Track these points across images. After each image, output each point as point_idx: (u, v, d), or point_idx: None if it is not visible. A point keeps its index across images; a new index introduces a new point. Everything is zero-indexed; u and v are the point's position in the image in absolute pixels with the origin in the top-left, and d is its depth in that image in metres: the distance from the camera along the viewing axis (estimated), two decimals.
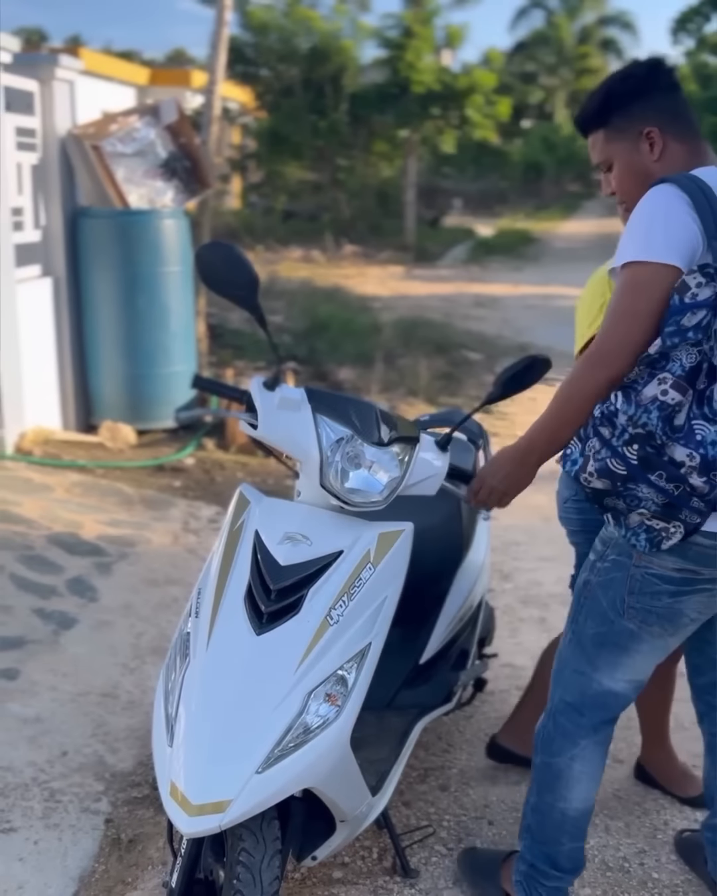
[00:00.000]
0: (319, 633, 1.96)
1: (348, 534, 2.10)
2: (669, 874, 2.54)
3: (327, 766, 1.95)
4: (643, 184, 2.01)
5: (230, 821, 1.82)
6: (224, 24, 6.83)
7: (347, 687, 1.97)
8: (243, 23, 19.89)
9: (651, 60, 2.15)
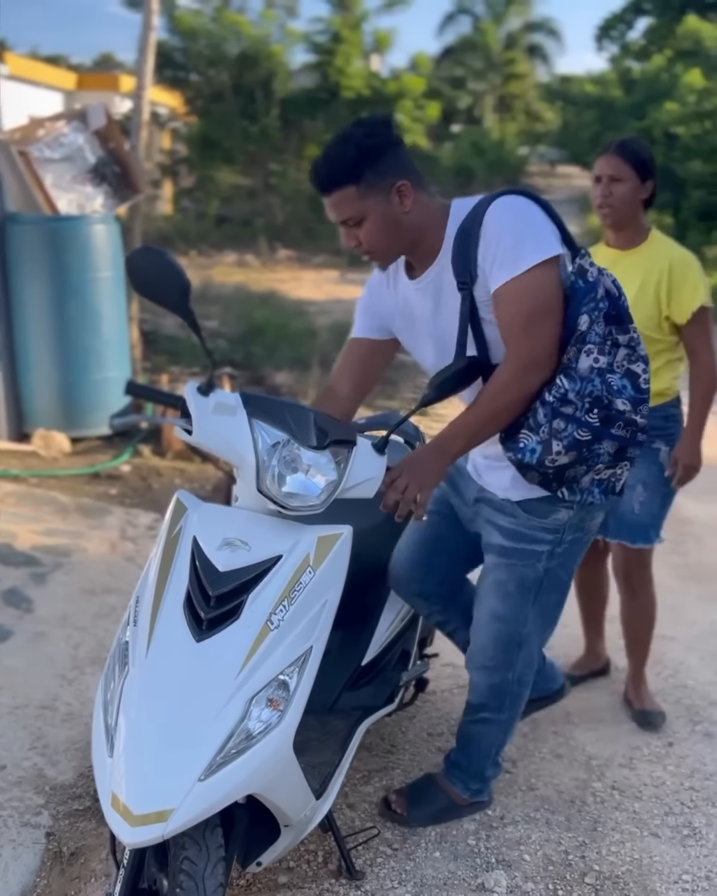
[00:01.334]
0: (260, 639, 1.96)
1: (287, 538, 2.10)
2: (610, 865, 2.58)
3: (271, 771, 1.94)
4: (397, 234, 2.23)
5: (173, 830, 1.80)
6: (151, 29, 6.78)
7: (288, 692, 1.97)
8: (171, 27, 19.77)
9: (383, 117, 2.25)
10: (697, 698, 3.44)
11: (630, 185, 3.02)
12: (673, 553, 4.68)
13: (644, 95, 21.74)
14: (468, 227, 2.21)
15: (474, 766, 2.72)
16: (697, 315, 3.02)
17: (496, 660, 2.55)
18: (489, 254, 2.16)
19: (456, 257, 2.22)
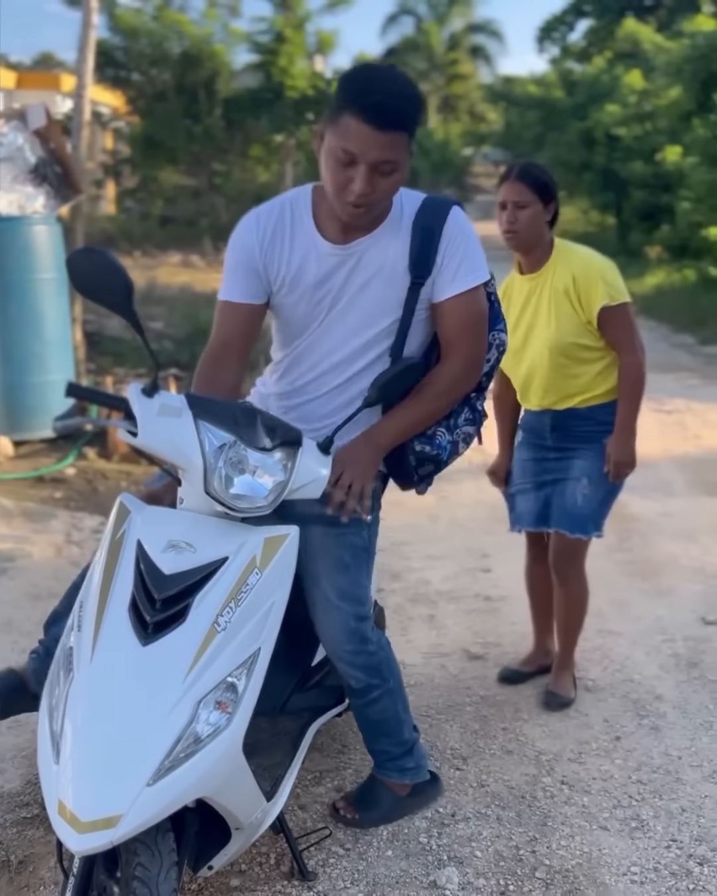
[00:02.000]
0: (207, 641, 1.94)
1: (233, 539, 2.08)
2: (560, 860, 2.60)
3: (220, 774, 1.93)
4: (394, 194, 2.25)
5: (122, 836, 1.78)
6: (91, 28, 6.71)
7: (237, 694, 1.96)
8: (112, 26, 19.58)
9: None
10: (643, 692, 3.48)
11: (534, 209, 3.11)
12: (619, 550, 4.74)
13: (586, 96, 22.01)
14: (431, 226, 2.24)
15: (393, 745, 2.67)
16: (605, 314, 3.09)
17: (355, 643, 2.46)
18: (447, 262, 2.25)
19: (419, 251, 2.24)
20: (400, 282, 2.29)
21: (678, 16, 25.66)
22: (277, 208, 2.34)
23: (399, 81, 2.11)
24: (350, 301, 2.32)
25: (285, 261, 2.32)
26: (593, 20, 33.18)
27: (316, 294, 2.33)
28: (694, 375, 9.30)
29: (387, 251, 2.27)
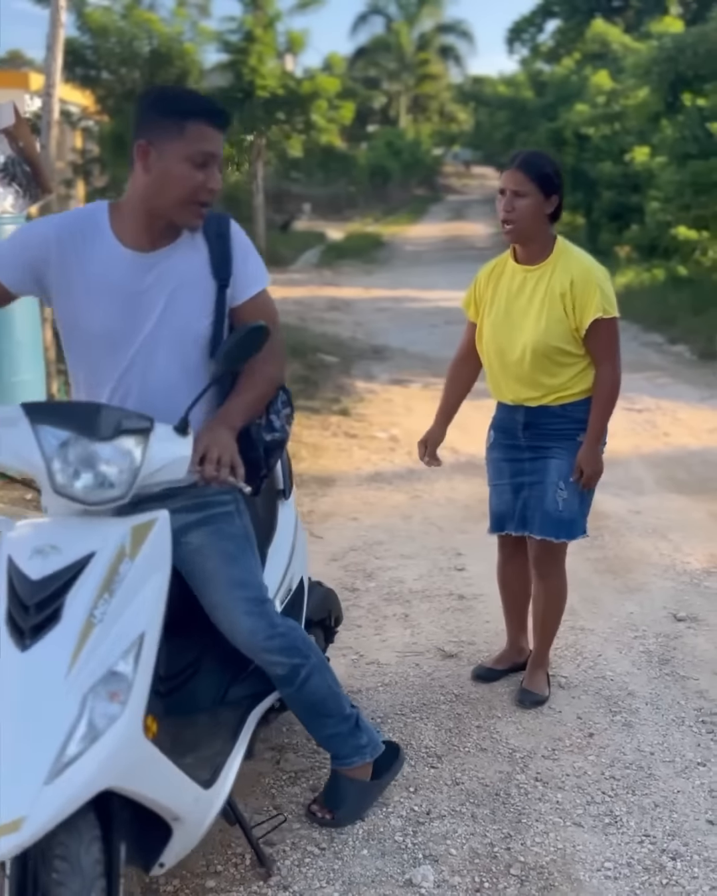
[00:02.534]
0: (85, 635, 1.96)
1: (98, 534, 2.10)
2: (534, 856, 2.62)
3: (123, 763, 1.94)
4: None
5: (30, 837, 1.78)
6: (60, 26, 6.66)
7: (127, 681, 1.97)
8: (81, 24, 19.45)
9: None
10: (615, 689, 3.51)
11: (533, 200, 3.07)
12: (591, 547, 4.77)
13: (555, 97, 22.14)
14: (222, 233, 2.42)
15: (339, 723, 2.69)
16: (594, 327, 3.10)
17: (265, 628, 2.47)
18: (241, 267, 2.43)
19: (219, 257, 2.40)
20: (208, 288, 2.41)
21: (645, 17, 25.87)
22: (74, 220, 2.40)
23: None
24: (164, 308, 2.37)
25: (80, 268, 2.35)
26: (561, 21, 33.36)
27: (128, 301, 2.35)
28: (664, 374, 9.37)
29: (191, 259, 2.39)
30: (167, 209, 2.30)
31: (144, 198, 2.31)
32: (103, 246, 2.35)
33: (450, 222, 31.94)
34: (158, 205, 2.30)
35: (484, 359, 3.32)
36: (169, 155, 2.25)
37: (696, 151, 13.07)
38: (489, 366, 3.31)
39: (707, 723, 3.28)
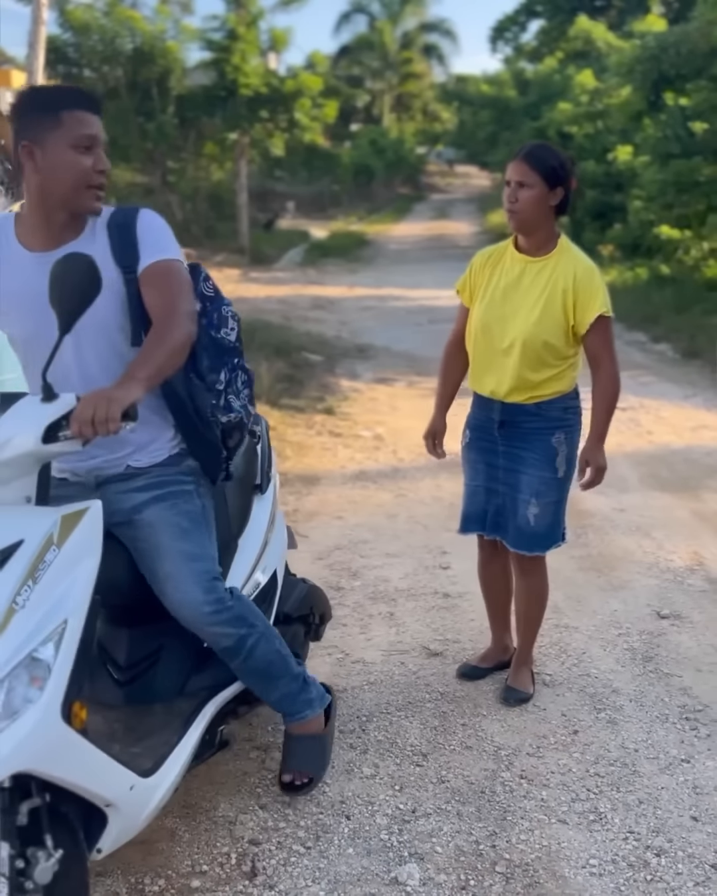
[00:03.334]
0: (6, 620, 1.98)
1: (29, 522, 2.12)
2: (520, 853, 2.62)
3: (40, 747, 1.96)
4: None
5: None
6: (41, 23, 6.65)
7: (47, 667, 1.99)
8: (63, 22, 19.39)
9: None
10: (600, 686, 3.52)
11: (537, 191, 3.07)
12: (574, 545, 4.78)
13: (538, 96, 22.19)
14: (126, 222, 2.44)
15: (289, 681, 2.73)
16: (597, 324, 3.11)
17: (214, 602, 2.48)
18: (146, 243, 2.42)
19: (120, 245, 2.41)
20: (114, 278, 2.39)
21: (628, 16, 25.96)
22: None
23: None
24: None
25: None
26: (545, 21, 33.44)
27: (38, 304, 2.32)
28: (647, 373, 9.41)
29: (92, 252, 2.34)
30: (64, 199, 2.36)
31: (39, 196, 2.37)
32: (10, 254, 2.43)
33: (434, 221, 31.96)
34: (54, 197, 2.36)
35: (470, 345, 3.30)
36: (52, 147, 2.32)
37: (678, 151, 13.14)
38: (475, 353, 3.29)
39: (691, 719, 3.30)
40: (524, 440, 3.23)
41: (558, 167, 3.09)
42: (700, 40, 12.82)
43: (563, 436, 3.22)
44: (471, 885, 2.49)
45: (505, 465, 3.27)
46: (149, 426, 2.52)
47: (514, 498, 3.26)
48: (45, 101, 2.35)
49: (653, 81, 14.22)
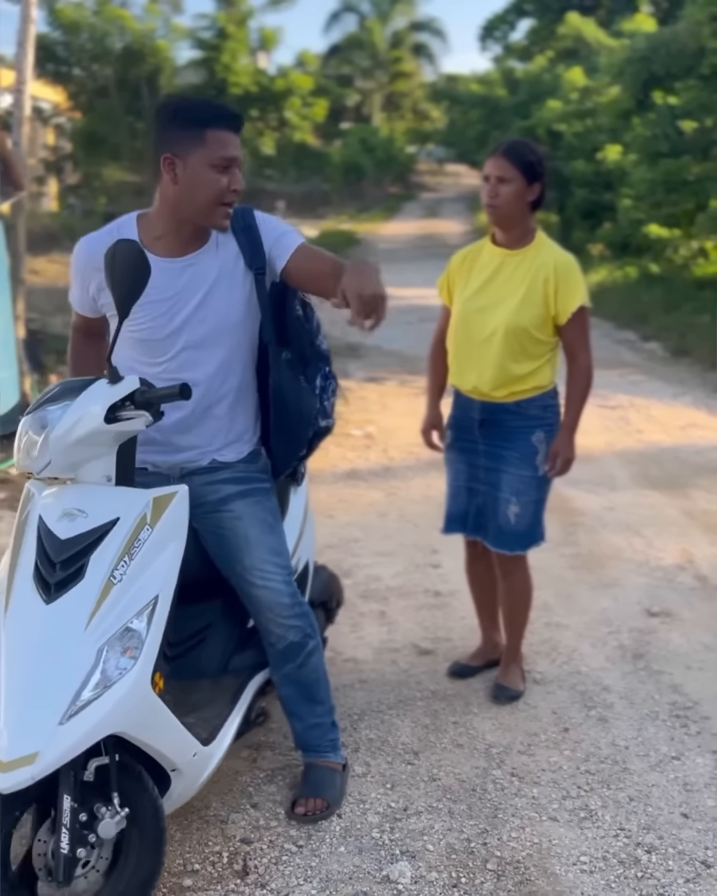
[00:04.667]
0: (104, 593, 2.16)
1: (123, 502, 2.29)
2: (511, 851, 2.63)
3: (130, 711, 2.13)
4: None
5: (42, 770, 1.99)
6: (30, 21, 6.62)
7: (140, 638, 2.17)
8: (52, 20, 19.33)
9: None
10: (590, 684, 3.53)
11: (516, 186, 3.10)
12: (564, 544, 4.80)
13: (528, 95, 22.18)
14: (248, 224, 2.56)
15: (325, 713, 2.81)
16: (576, 315, 3.15)
17: (290, 595, 2.66)
18: (272, 241, 2.56)
19: (250, 248, 2.55)
20: (242, 281, 2.58)
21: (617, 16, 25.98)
22: (106, 237, 2.56)
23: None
24: (198, 307, 2.54)
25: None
26: (534, 20, 33.45)
27: (163, 306, 2.53)
28: (637, 371, 9.43)
29: (222, 259, 2.56)
30: (197, 214, 2.47)
31: (174, 207, 2.48)
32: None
33: (424, 220, 31.93)
34: (188, 211, 2.47)
35: (451, 340, 3.32)
36: (194, 163, 2.41)
37: (667, 150, 13.16)
38: (456, 346, 3.31)
39: (681, 717, 3.31)
40: (505, 439, 3.25)
41: (536, 162, 3.13)
42: (689, 40, 12.84)
43: (543, 434, 3.24)
44: (462, 883, 2.50)
45: (486, 464, 3.29)
46: (240, 422, 2.69)
47: (495, 497, 3.27)
48: (192, 117, 2.42)
49: (643, 81, 14.23)
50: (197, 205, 2.45)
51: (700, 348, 9.91)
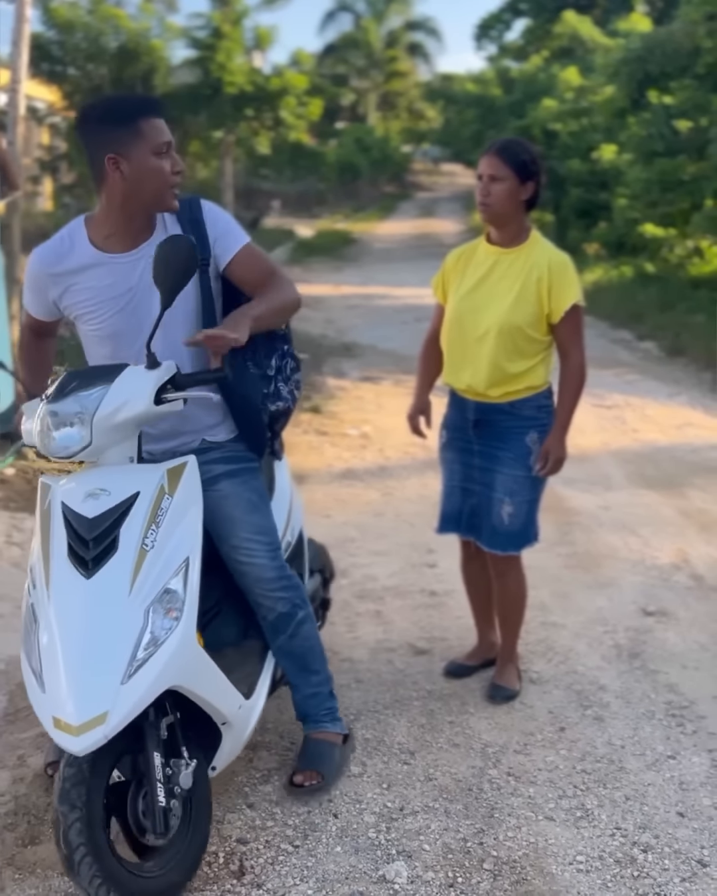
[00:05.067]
0: (140, 560, 2.30)
1: (140, 477, 2.44)
2: (507, 850, 2.63)
3: (182, 665, 2.30)
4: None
5: (114, 728, 2.14)
6: (25, 21, 6.61)
7: (179, 598, 2.32)
8: (47, 20, 19.29)
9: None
10: (586, 683, 3.53)
11: (509, 185, 3.10)
12: (560, 543, 4.80)
13: (523, 94, 22.16)
14: (194, 217, 2.62)
15: (322, 682, 2.91)
16: (570, 314, 3.14)
17: (277, 570, 2.78)
18: (218, 235, 2.63)
19: (195, 239, 2.54)
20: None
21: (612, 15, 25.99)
22: (57, 244, 2.65)
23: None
24: (152, 298, 2.53)
25: (75, 285, 2.62)
26: (529, 19, 33.46)
27: (123, 301, 2.60)
28: (632, 371, 9.43)
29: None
30: (149, 203, 2.54)
31: (124, 202, 2.53)
32: (89, 259, 2.61)
33: (419, 219, 31.93)
34: (140, 203, 2.53)
35: (445, 339, 3.32)
36: (137, 157, 2.47)
37: (662, 149, 13.16)
38: (450, 345, 3.31)
39: (677, 716, 3.31)
40: (499, 439, 3.25)
41: (530, 161, 3.12)
42: (685, 39, 12.85)
43: (537, 435, 3.23)
44: (459, 883, 2.50)
45: (480, 464, 3.29)
46: (220, 406, 2.75)
47: (489, 497, 3.27)
48: (121, 113, 2.49)
49: (639, 81, 14.23)
50: (148, 193, 2.51)
51: (696, 348, 9.92)
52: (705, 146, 12.08)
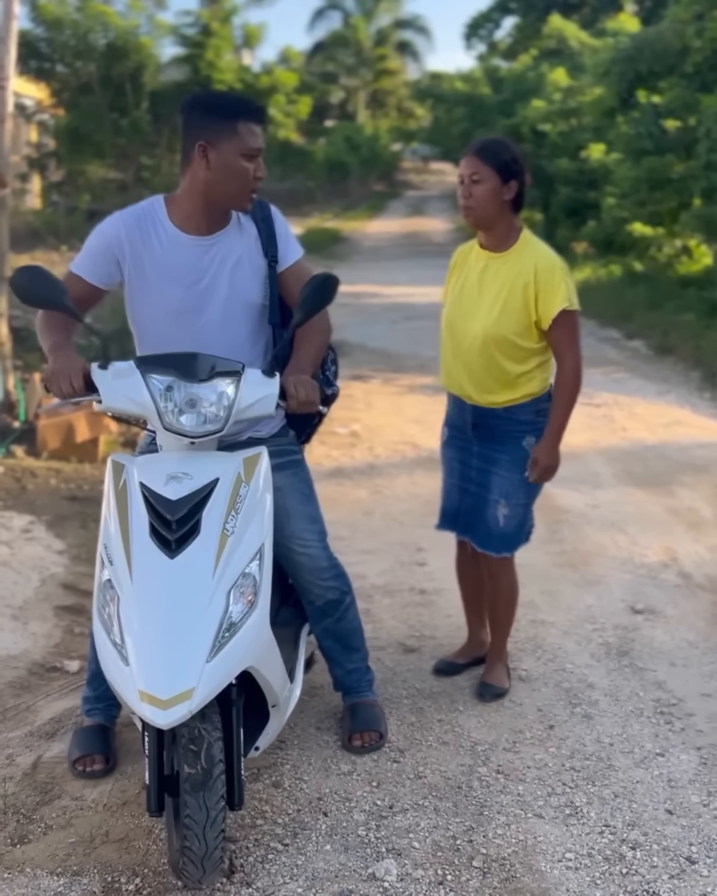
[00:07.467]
0: (222, 544, 2.40)
1: (219, 464, 2.54)
2: (496, 848, 2.63)
3: (257, 648, 2.41)
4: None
5: (199, 703, 2.22)
6: (13, 17, 6.58)
7: (255, 583, 2.42)
8: (35, 16, 19.23)
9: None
10: (575, 681, 3.54)
11: (490, 185, 3.05)
12: (549, 541, 4.81)
13: (512, 93, 22.20)
14: (266, 216, 2.84)
15: (362, 658, 3.16)
16: (560, 319, 3.07)
17: (328, 559, 2.98)
18: (283, 242, 2.86)
19: (267, 238, 2.83)
20: (260, 264, 2.83)
21: (601, 15, 26.05)
22: (138, 211, 2.79)
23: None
24: (224, 281, 2.76)
25: (150, 256, 2.74)
26: (518, 18, 33.50)
27: (192, 280, 2.74)
28: (621, 369, 9.45)
29: (243, 241, 2.81)
30: (227, 198, 2.71)
31: (204, 190, 2.69)
32: (166, 235, 2.75)
33: (409, 218, 31.96)
34: (219, 195, 2.69)
35: (441, 342, 3.30)
36: (226, 152, 2.64)
37: (651, 148, 13.18)
38: (444, 350, 3.29)
39: (665, 713, 3.32)
40: (497, 442, 3.24)
41: (511, 161, 3.06)
42: (673, 39, 12.88)
43: (534, 439, 3.21)
44: (448, 880, 2.50)
45: (478, 465, 3.28)
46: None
47: (484, 498, 3.27)
48: (226, 109, 2.65)
49: (629, 81, 14.25)
50: (228, 190, 2.68)
51: (684, 346, 9.95)
52: (693, 145, 12.09)
